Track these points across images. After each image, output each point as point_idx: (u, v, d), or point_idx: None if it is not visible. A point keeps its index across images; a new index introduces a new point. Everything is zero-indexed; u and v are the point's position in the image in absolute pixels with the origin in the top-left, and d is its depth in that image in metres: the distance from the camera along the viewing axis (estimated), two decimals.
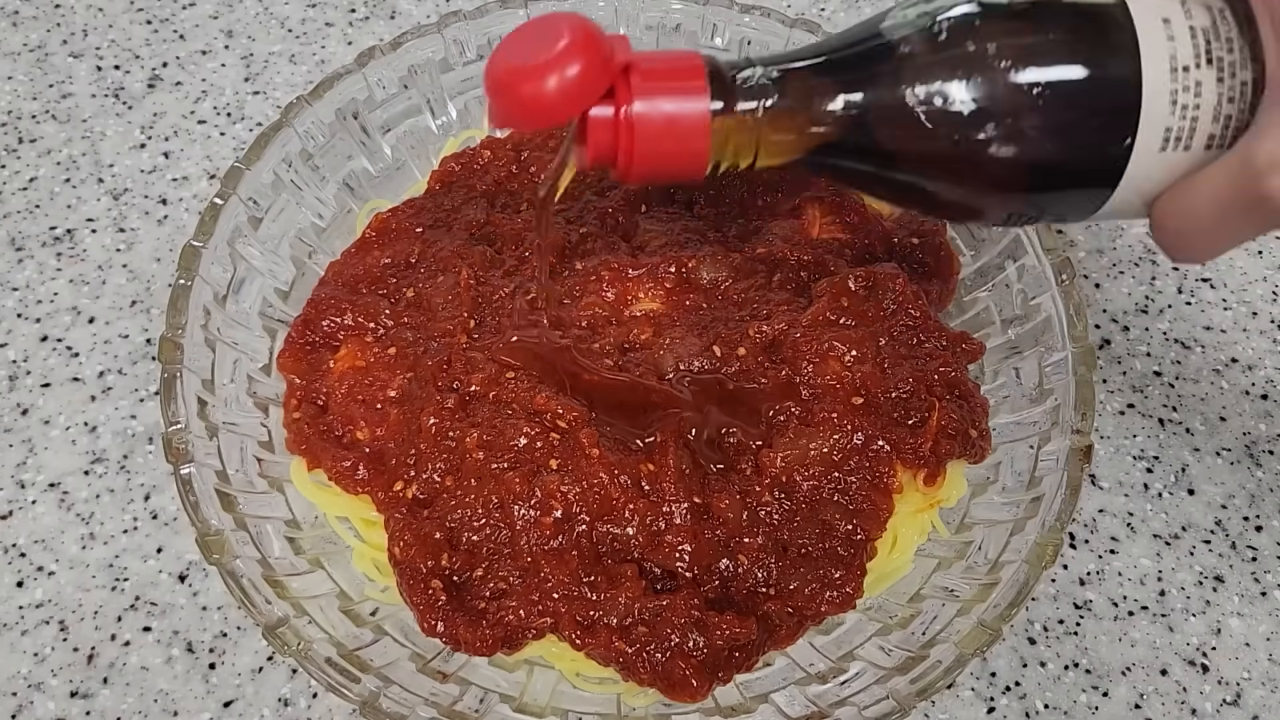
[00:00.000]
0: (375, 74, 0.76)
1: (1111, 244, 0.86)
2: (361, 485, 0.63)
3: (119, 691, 0.64)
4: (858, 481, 0.62)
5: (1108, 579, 0.70)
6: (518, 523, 0.59)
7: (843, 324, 0.67)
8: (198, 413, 0.62)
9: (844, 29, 0.52)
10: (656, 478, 0.61)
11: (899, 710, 0.54)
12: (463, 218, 0.74)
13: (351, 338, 0.68)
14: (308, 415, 0.66)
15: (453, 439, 0.62)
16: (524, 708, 0.58)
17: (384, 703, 0.54)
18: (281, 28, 0.99)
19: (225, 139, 0.90)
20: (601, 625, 0.57)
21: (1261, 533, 0.72)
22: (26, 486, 0.71)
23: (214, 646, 0.66)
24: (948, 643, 0.56)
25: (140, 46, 0.97)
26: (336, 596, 0.61)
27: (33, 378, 0.76)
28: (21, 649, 0.65)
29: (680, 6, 0.81)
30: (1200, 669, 0.67)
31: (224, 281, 0.68)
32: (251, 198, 0.70)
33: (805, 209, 0.74)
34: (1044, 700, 0.65)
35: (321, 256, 0.75)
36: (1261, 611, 0.69)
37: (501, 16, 0.79)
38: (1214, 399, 0.78)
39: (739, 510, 0.61)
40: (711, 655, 0.57)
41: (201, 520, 0.57)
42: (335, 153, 0.76)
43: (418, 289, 0.70)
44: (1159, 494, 0.74)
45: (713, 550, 0.60)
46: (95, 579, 0.68)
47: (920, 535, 0.65)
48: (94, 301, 0.80)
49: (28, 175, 0.87)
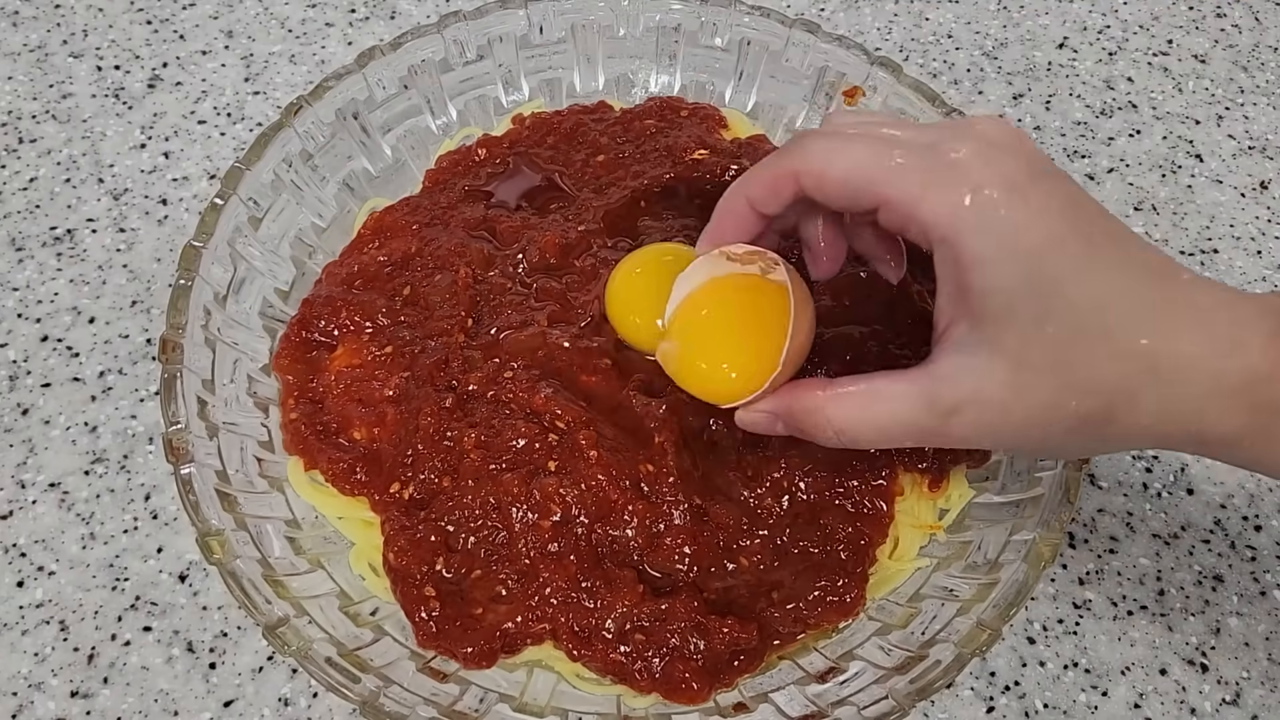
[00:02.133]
0: (375, 74, 0.76)
1: None
2: (359, 486, 0.63)
3: (119, 691, 0.64)
4: (859, 485, 0.62)
5: (1107, 579, 0.70)
6: (515, 525, 0.59)
7: (844, 323, 0.67)
8: (198, 413, 0.62)
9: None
10: (656, 479, 0.61)
11: (899, 710, 0.54)
12: (460, 215, 0.74)
13: (348, 337, 0.68)
14: (304, 415, 0.66)
15: (450, 439, 0.62)
16: (524, 708, 0.58)
17: (384, 703, 0.54)
18: (281, 28, 0.99)
19: (225, 139, 0.90)
20: (598, 636, 0.57)
21: (1260, 532, 0.72)
22: (27, 486, 0.72)
23: (214, 646, 0.66)
24: (947, 642, 0.56)
25: (140, 46, 0.97)
26: (336, 596, 0.61)
27: (33, 378, 0.76)
28: (22, 649, 0.65)
29: (680, 6, 0.81)
30: (1199, 668, 0.67)
31: (224, 281, 0.68)
32: (251, 198, 0.70)
33: None
34: (1043, 700, 0.65)
35: (321, 256, 0.75)
36: (1260, 611, 0.69)
37: (502, 17, 0.80)
38: None
39: (739, 513, 0.61)
40: (712, 659, 0.57)
41: (201, 520, 0.57)
42: (335, 153, 0.76)
43: (415, 287, 0.70)
44: (1158, 493, 0.74)
45: (713, 552, 0.60)
46: (95, 579, 0.68)
47: (922, 538, 0.65)
48: (94, 301, 0.80)
49: (28, 175, 0.87)
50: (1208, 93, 0.97)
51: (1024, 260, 0.45)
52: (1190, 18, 1.04)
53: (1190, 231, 0.87)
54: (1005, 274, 0.46)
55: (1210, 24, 1.03)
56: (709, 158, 0.76)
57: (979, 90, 0.96)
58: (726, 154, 0.77)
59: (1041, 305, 0.45)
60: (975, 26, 1.02)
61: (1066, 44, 1.01)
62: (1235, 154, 0.93)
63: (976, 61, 0.99)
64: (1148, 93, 0.97)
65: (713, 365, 0.58)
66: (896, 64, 0.76)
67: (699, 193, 0.76)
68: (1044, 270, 0.45)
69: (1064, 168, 0.91)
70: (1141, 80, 0.98)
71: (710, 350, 0.58)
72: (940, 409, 0.48)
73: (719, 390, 0.58)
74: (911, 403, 0.49)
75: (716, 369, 0.58)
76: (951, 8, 1.03)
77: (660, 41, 0.83)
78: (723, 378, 0.58)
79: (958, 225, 0.46)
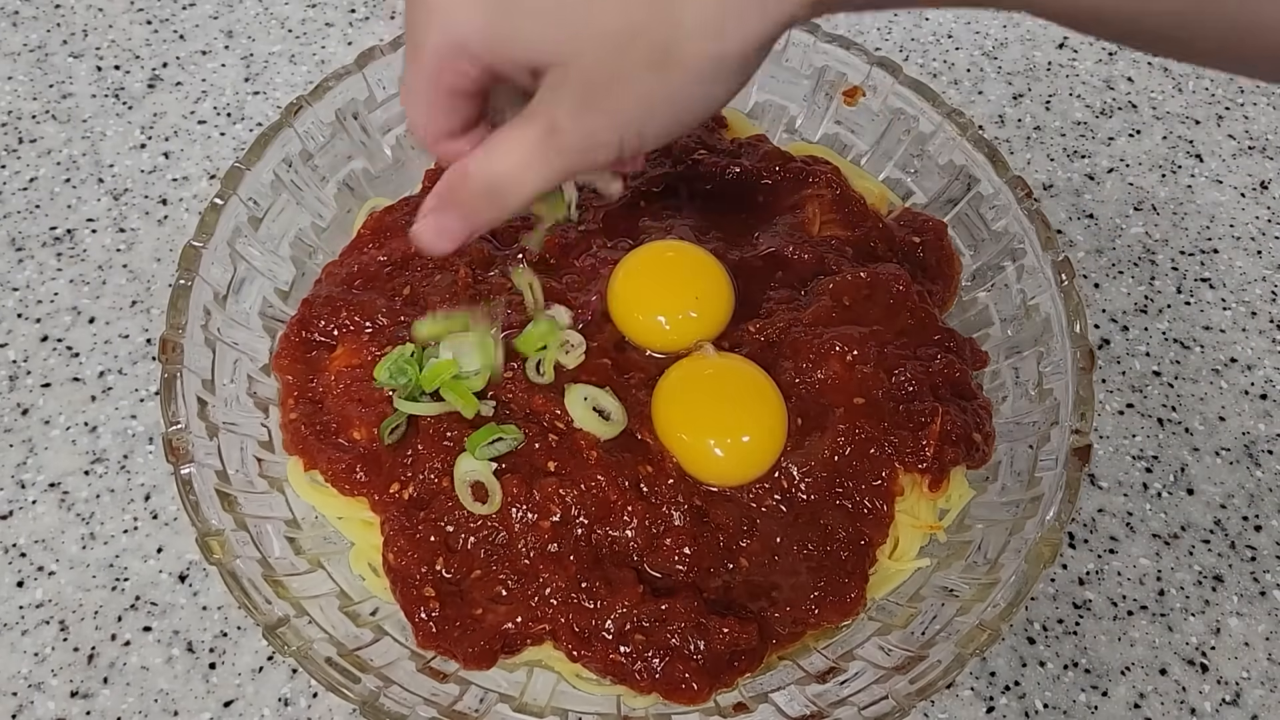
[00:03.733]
0: (375, 74, 0.76)
1: (1111, 244, 0.86)
2: (358, 486, 0.63)
3: (119, 691, 0.64)
4: (859, 484, 0.62)
5: (1107, 579, 0.70)
6: (515, 525, 0.59)
7: (844, 324, 0.67)
8: (198, 413, 0.62)
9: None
10: (655, 479, 0.61)
11: (898, 710, 0.54)
12: None
13: (347, 337, 0.68)
14: (304, 415, 0.66)
15: (450, 439, 0.62)
16: (524, 708, 0.58)
17: (384, 702, 0.54)
18: (281, 28, 0.99)
19: (225, 139, 0.90)
20: (598, 637, 0.57)
21: (1260, 532, 0.72)
22: (27, 486, 0.72)
23: (214, 646, 0.66)
24: (947, 642, 0.56)
25: (140, 46, 0.97)
26: (336, 596, 0.61)
27: (33, 378, 0.76)
28: (22, 649, 0.65)
29: None
30: (1199, 668, 0.67)
31: (224, 281, 0.68)
32: (251, 198, 0.70)
33: (805, 206, 0.74)
34: (1043, 700, 0.65)
35: (321, 256, 0.75)
36: (1260, 611, 0.69)
37: None
38: (1213, 399, 0.78)
39: (739, 513, 0.61)
40: (712, 659, 0.57)
41: (201, 520, 0.57)
42: (335, 153, 0.76)
43: (415, 287, 0.70)
44: (1158, 494, 0.74)
45: (713, 553, 0.60)
46: (95, 579, 0.68)
47: (922, 538, 0.65)
48: (94, 301, 0.80)
49: (28, 175, 0.87)
50: (1208, 93, 0.97)
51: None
52: None
53: (1190, 231, 0.87)
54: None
55: None
56: (709, 158, 0.76)
57: (979, 90, 0.96)
58: (726, 154, 0.77)
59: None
60: (975, 26, 1.02)
61: (1066, 44, 1.01)
62: (1235, 154, 0.93)
63: (976, 61, 0.99)
64: (1148, 93, 0.97)
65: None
66: (896, 64, 0.76)
67: (699, 193, 0.76)
68: None
69: (1064, 167, 0.91)
70: (1141, 80, 0.98)
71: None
72: (549, 103, 0.46)
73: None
74: (529, 124, 0.47)
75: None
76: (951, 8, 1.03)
77: None
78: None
79: None
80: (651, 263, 0.67)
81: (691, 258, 0.68)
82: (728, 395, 0.62)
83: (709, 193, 0.76)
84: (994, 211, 0.72)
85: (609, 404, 0.62)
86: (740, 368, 0.64)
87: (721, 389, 0.62)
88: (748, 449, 0.61)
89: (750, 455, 0.61)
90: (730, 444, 0.61)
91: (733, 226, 0.74)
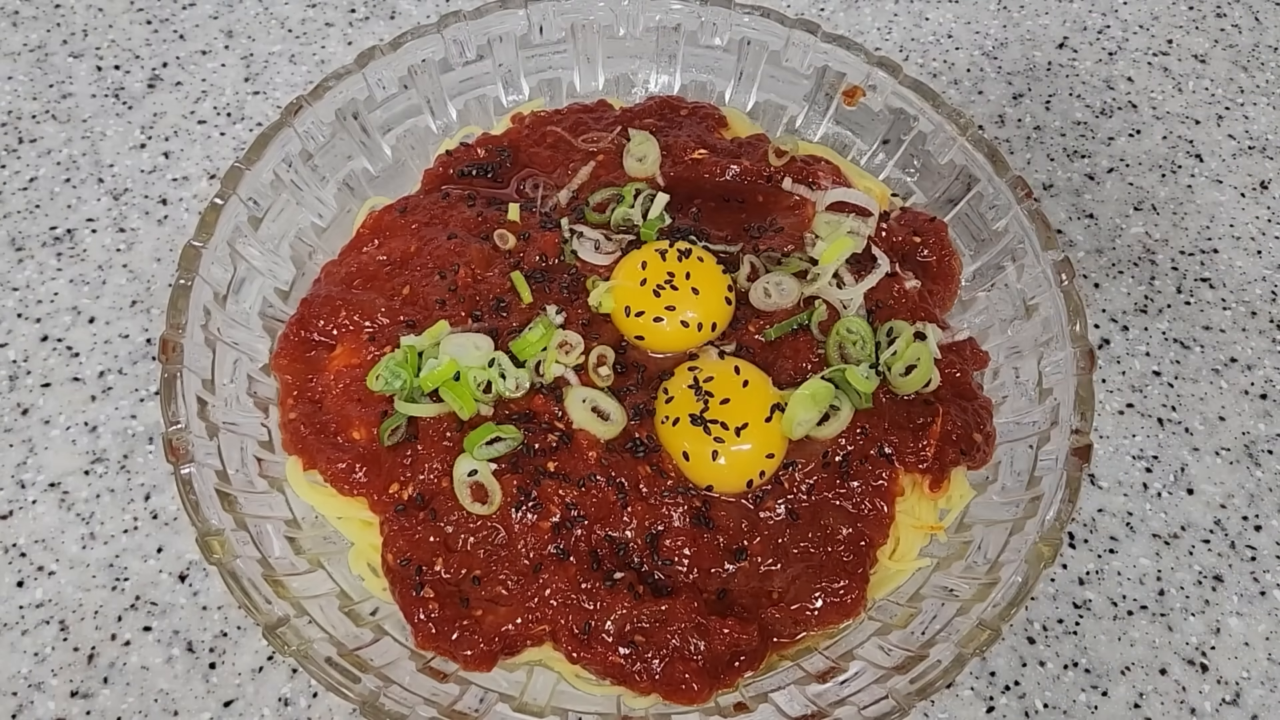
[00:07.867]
0: (375, 74, 0.76)
1: (1111, 244, 0.86)
2: (358, 486, 0.63)
3: (119, 691, 0.64)
4: (859, 485, 0.62)
5: (1107, 579, 0.70)
6: (515, 525, 0.59)
7: None
8: (198, 413, 0.62)
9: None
10: (655, 480, 0.61)
11: (898, 710, 0.54)
12: (458, 214, 0.74)
13: (347, 336, 0.68)
14: (303, 415, 0.66)
15: (449, 439, 0.62)
16: (524, 707, 0.58)
17: (384, 702, 0.54)
18: (281, 28, 0.99)
19: (225, 139, 0.90)
20: (598, 638, 0.57)
21: (1260, 532, 0.72)
22: (27, 486, 0.72)
23: (214, 646, 0.66)
24: (947, 642, 0.56)
25: (140, 46, 0.97)
26: (336, 596, 0.61)
27: (33, 378, 0.76)
28: (22, 649, 0.65)
29: (680, 6, 0.81)
30: (1199, 668, 0.67)
31: (224, 281, 0.68)
32: (251, 198, 0.70)
33: (805, 206, 0.74)
34: (1043, 699, 0.65)
35: (321, 256, 0.75)
36: (1260, 611, 0.69)
37: (502, 17, 0.80)
38: (1213, 399, 0.78)
39: (739, 514, 0.61)
40: (712, 660, 0.57)
41: (201, 520, 0.57)
42: (335, 153, 0.76)
43: (414, 287, 0.70)
44: (1158, 494, 0.74)
45: (713, 553, 0.60)
46: (95, 579, 0.68)
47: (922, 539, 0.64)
48: (94, 301, 0.80)
49: (28, 175, 0.87)
50: (1208, 93, 0.97)
51: None
52: (1190, 17, 1.04)
53: (1190, 231, 0.87)
54: None
55: (1210, 24, 1.03)
56: (709, 157, 0.76)
57: (979, 90, 0.96)
58: (726, 154, 0.77)
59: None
60: (975, 26, 1.02)
61: (1066, 44, 1.01)
62: (1235, 154, 0.93)
63: (976, 61, 0.99)
64: (1148, 93, 0.97)
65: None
66: (896, 64, 0.76)
67: (699, 192, 0.76)
68: None
69: (1064, 167, 0.91)
70: (1141, 80, 0.98)
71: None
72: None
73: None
74: None
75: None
76: (951, 8, 1.03)
77: (660, 41, 0.83)
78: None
79: None
80: (649, 264, 0.67)
81: (692, 258, 0.68)
82: (730, 400, 0.62)
83: (709, 193, 0.76)
84: (994, 211, 0.72)
85: (608, 405, 0.62)
86: (748, 376, 0.63)
87: (723, 394, 0.62)
88: (748, 456, 0.61)
89: (750, 461, 0.61)
90: (731, 450, 0.61)
91: (733, 225, 0.74)
